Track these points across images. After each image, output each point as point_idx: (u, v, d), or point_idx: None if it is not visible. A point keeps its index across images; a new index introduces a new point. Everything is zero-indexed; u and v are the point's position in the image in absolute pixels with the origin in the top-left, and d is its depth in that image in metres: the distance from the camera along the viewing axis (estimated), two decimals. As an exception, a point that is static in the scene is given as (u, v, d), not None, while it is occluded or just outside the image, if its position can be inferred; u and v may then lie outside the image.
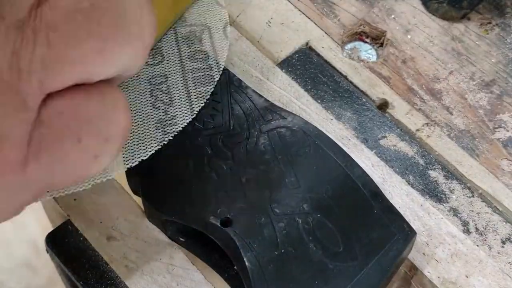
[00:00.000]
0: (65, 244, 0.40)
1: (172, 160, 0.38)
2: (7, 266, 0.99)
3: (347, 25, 0.51)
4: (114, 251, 0.39)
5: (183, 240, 0.40)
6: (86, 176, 0.21)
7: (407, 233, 0.37)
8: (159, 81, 0.31)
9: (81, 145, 0.19)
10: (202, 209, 0.36)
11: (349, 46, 0.50)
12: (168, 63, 0.32)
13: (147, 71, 0.32)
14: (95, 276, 0.38)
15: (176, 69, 0.32)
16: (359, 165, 0.39)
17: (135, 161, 0.32)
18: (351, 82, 0.48)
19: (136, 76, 0.32)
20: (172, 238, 0.40)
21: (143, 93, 0.31)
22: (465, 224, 0.42)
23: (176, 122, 0.33)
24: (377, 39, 0.51)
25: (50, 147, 0.19)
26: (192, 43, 0.33)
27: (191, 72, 0.33)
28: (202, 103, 0.34)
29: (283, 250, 0.35)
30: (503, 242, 0.41)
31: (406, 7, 0.52)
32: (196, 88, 0.34)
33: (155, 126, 0.32)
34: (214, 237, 0.36)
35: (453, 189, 0.43)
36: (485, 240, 0.41)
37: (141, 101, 0.31)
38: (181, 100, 0.33)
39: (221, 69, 0.34)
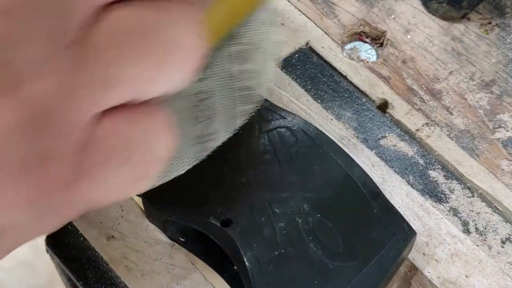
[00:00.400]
0: (65, 244, 0.40)
1: (172, 160, 0.38)
2: (7, 266, 0.99)
3: (347, 25, 0.51)
4: (114, 251, 0.39)
5: (183, 240, 0.40)
6: (125, 196, 0.21)
7: (407, 233, 0.37)
8: (205, 97, 0.30)
9: (128, 166, 0.19)
10: (202, 209, 0.36)
11: (349, 46, 0.50)
12: (217, 80, 0.30)
13: (194, 86, 0.30)
14: (95, 276, 0.38)
15: (224, 86, 0.31)
16: (359, 165, 0.39)
17: (170, 176, 0.31)
18: (351, 82, 0.48)
19: (183, 91, 0.30)
20: (172, 238, 0.40)
21: (188, 107, 0.30)
22: (465, 224, 0.42)
23: (217, 137, 0.32)
24: (377, 39, 0.51)
25: (98, 168, 0.18)
26: (243, 61, 0.31)
27: (239, 90, 0.31)
28: (245, 120, 0.32)
29: (283, 250, 0.35)
30: (503, 242, 0.41)
31: (406, 7, 0.52)
32: (242, 106, 0.32)
33: (195, 141, 0.31)
34: (214, 237, 0.36)
35: (453, 189, 0.43)
36: (485, 240, 0.41)
37: (184, 115, 0.30)
38: (225, 116, 0.31)
39: (267, 90, 0.33)
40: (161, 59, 0.18)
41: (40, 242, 0.40)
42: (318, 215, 0.37)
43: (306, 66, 0.48)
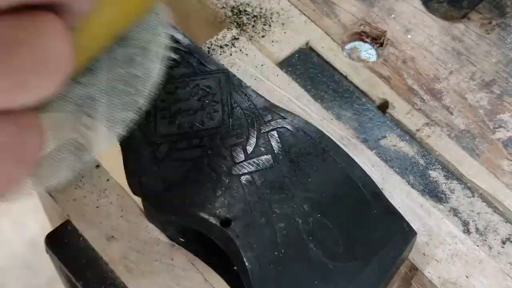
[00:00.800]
0: (64, 244, 0.40)
1: (172, 161, 0.38)
2: (7, 266, 0.99)
3: (347, 25, 0.51)
4: (114, 251, 0.39)
5: (183, 240, 0.40)
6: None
7: (407, 233, 0.37)
8: (87, 104, 0.29)
9: None
10: (202, 209, 0.36)
11: (349, 46, 0.50)
12: (99, 85, 0.29)
13: (76, 91, 0.29)
14: (95, 276, 0.38)
15: (104, 90, 0.30)
16: (359, 165, 0.39)
17: (44, 184, 0.31)
18: (351, 82, 0.48)
19: (64, 96, 0.30)
20: (172, 238, 0.40)
21: (67, 115, 0.29)
22: (465, 224, 0.42)
23: (93, 147, 0.31)
24: (377, 39, 0.51)
25: None
26: (128, 66, 0.31)
27: (122, 95, 0.31)
28: (122, 130, 0.32)
29: (283, 251, 0.35)
30: (503, 242, 0.41)
31: (406, 7, 0.52)
32: (120, 113, 0.32)
33: (72, 151, 0.30)
34: (214, 237, 0.36)
35: (453, 189, 0.43)
36: (486, 240, 0.41)
37: (64, 123, 0.29)
38: (104, 124, 0.31)
39: (147, 95, 0.32)
40: (25, 70, 0.19)
41: (40, 242, 0.40)
42: (318, 215, 0.37)
43: (306, 66, 0.48)
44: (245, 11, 0.51)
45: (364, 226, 0.37)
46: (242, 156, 0.39)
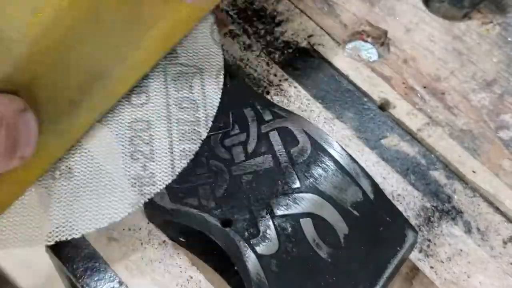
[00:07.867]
0: (65, 244, 0.39)
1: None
2: (7, 266, 0.99)
3: (348, 24, 0.51)
4: (114, 251, 0.39)
5: (183, 240, 0.40)
6: None
7: (408, 233, 0.37)
8: (141, 127, 0.27)
9: None
10: (203, 210, 0.36)
11: (350, 45, 0.50)
12: (153, 106, 0.27)
13: (129, 112, 0.27)
14: (95, 276, 0.38)
15: (161, 115, 0.27)
16: (360, 165, 0.39)
17: (105, 223, 0.29)
18: (352, 82, 0.48)
19: (118, 117, 0.27)
20: (172, 238, 0.40)
21: (123, 139, 0.27)
22: (466, 224, 0.41)
23: (154, 181, 0.29)
24: (378, 39, 0.51)
25: None
26: (181, 87, 0.28)
27: (177, 123, 0.28)
28: (184, 164, 0.29)
29: (283, 250, 0.35)
30: (505, 243, 0.41)
31: (407, 7, 0.52)
32: (180, 144, 0.29)
33: (131, 182, 0.28)
34: (215, 237, 0.36)
35: (455, 189, 0.43)
36: (487, 241, 0.41)
37: (120, 149, 0.27)
38: (162, 156, 0.28)
39: (209, 125, 0.29)
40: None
41: (40, 242, 0.40)
42: (319, 215, 0.36)
43: (307, 65, 0.48)
44: (246, 11, 0.51)
45: (365, 225, 0.37)
46: (242, 156, 0.38)
